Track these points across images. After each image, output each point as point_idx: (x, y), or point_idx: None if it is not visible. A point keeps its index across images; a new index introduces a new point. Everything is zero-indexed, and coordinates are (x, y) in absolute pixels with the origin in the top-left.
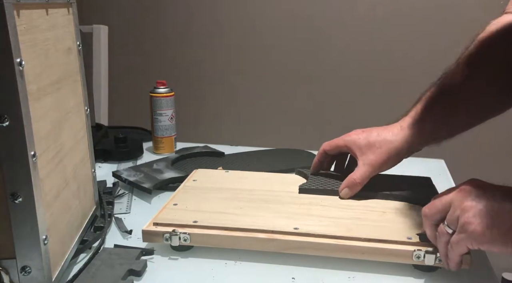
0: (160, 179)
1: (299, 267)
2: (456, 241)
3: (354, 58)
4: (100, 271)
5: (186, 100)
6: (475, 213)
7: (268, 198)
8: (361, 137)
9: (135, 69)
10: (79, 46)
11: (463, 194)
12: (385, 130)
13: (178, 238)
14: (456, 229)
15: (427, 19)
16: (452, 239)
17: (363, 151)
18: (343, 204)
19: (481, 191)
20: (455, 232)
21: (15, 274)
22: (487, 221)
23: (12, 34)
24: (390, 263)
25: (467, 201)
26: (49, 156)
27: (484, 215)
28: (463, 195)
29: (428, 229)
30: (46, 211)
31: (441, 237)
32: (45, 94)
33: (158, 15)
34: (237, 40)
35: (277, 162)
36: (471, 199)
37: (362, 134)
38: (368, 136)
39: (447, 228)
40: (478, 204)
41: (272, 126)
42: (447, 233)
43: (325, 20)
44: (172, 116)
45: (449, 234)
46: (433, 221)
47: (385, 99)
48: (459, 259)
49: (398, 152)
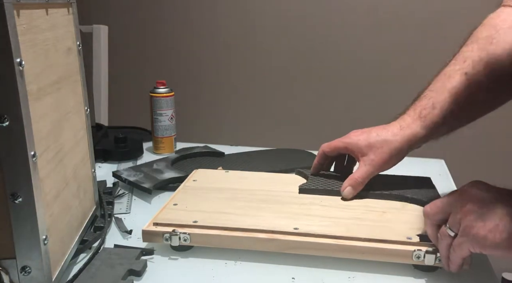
0: (160, 179)
1: (299, 267)
2: (458, 244)
3: (354, 58)
4: (100, 271)
5: (186, 100)
6: (478, 216)
7: (268, 198)
8: (361, 139)
9: (135, 69)
10: (79, 46)
11: (465, 197)
12: (384, 130)
13: (178, 238)
14: (458, 231)
15: (427, 20)
16: (454, 242)
17: (364, 152)
18: (343, 204)
19: (484, 194)
20: (457, 235)
21: (15, 274)
22: (490, 224)
23: (12, 34)
24: (390, 263)
25: (470, 204)
26: (49, 156)
27: (487, 219)
28: (466, 197)
29: (429, 228)
30: (46, 211)
31: (442, 239)
32: (45, 94)
33: (158, 15)
34: (237, 40)
35: (277, 162)
36: (474, 202)
37: (361, 136)
38: (368, 137)
39: (449, 231)
40: (481, 207)
41: (272, 126)
42: (449, 235)
43: (325, 21)
44: (172, 116)
45: (451, 236)
46: (434, 221)
47: (385, 99)
48: (460, 262)
49: (398, 151)
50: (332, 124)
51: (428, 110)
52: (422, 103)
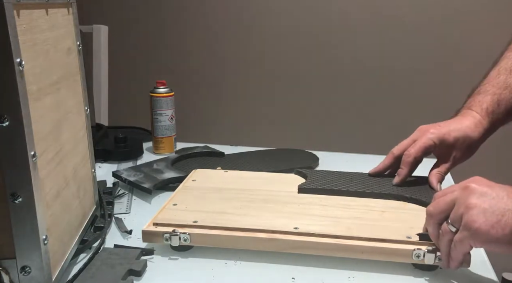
0: (160, 179)
1: (299, 267)
2: (459, 239)
3: (355, 58)
4: (100, 271)
5: (186, 100)
6: (480, 211)
7: (268, 197)
8: (446, 135)
9: (135, 69)
10: (79, 46)
11: (467, 192)
12: (463, 125)
13: (178, 238)
14: (460, 227)
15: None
16: (455, 237)
17: (448, 147)
18: (343, 203)
19: (486, 190)
20: (458, 230)
21: (15, 274)
22: (492, 219)
23: (12, 34)
24: (390, 263)
25: (472, 199)
26: (49, 156)
27: (489, 214)
28: (468, 193)
29: (431, 227)
30: (46, 211)
31: (444, 236)
32: (45, 94)
33: (158, 15)
34: (237, 40)
35: (277, 162)
36: (476, 197)
37: (442, 130)
38: (450, 132)
39: (450, 226)
40: (483, 202)
41: (272, 126)
42: (450, 231)
43: (325, 21)
44: (172, 116)
45: (452, 232)
46: (438, 220)
47: (385, 99)
48: (461, 258)
49: (476, 147)
50: (332, 125)
51: (494, 107)
52: (487, 99)
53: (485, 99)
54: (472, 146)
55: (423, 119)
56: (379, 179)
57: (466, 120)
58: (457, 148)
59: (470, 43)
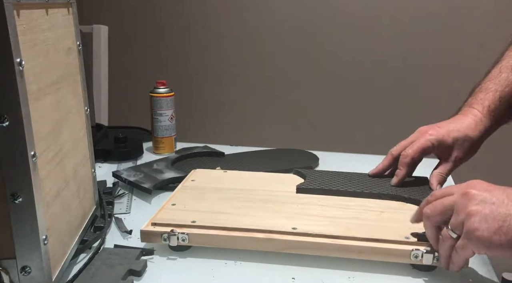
0: (160, 179)
1: (299, 267)
2: (461, 246)
3: (355, 58)
4: (100, 271)
5: (186, 100)
6: (481, 218)
7: (266, 197)
8: (445, 135)
9: (135, 69)
10: (79, 46)
11: (467, 198)
12: (462, 125)
13: (176, 238)
14: (461, 233)
15: (427, 21)
16: (457, 244)
17: (448, 148)
18: (341, 203)
19: (486, 195)
20: (459, 236)
21: (15, 274)
22: (494, 226)
23: (12, 34)
24: (389, 263)
25: (472, 205)
26: (49, 156)
27: (491, 220)
28: (468, 199)
29: (429, 230)
30: (46, 211)
31: (445, 241)
32: (45, 94)
33: (158, 15)
34: (237, 40)
35: (277, 162)
36: (476, 203)
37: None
38: (449, 133)
39: (450, 232)
40: (484, 208)
41: (272, 126)
42: (451, 237)
43: (325, 21)
44: (172, 117)
45: (453, 238)
46: (435, 222)
47: (385, 100)
48: (463, 263)
49: (477, 147)
50: (332, 125)
51: (496, 105)
52: (489, 97)
53: (487, 97)
54: (473, 145)
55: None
56: (377, 179)
57: (466, 119)
58: (457, 148)
59: (470, 43)
